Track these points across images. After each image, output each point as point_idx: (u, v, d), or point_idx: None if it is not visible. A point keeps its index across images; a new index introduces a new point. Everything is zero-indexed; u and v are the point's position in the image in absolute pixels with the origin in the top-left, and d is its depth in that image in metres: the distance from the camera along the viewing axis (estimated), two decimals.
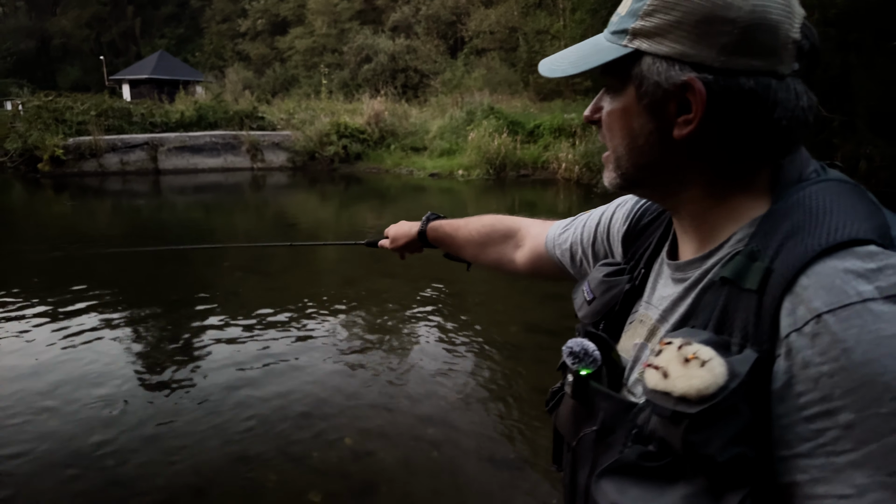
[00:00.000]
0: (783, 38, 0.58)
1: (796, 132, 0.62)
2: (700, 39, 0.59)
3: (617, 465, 0.61)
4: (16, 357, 4.27)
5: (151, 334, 4.87)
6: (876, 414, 0.47)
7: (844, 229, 0.53)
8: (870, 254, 0.51)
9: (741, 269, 0.57)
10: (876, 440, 0.47)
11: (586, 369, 0.71)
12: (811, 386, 0.50)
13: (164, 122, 18.29)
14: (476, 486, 2.87)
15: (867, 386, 0.47)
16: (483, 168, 15.58)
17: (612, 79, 0.67)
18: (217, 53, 39.93)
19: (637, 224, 0.87)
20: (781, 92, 0.59)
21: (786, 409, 0.52)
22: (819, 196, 0.59)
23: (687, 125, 0.61)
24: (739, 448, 0.51)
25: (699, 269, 0.67)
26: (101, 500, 2.72)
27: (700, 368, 0.52)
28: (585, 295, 0.87)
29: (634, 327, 0.78)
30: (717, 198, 0.66)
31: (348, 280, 6.38)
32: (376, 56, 27.76)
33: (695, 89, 0.59)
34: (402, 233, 1.44)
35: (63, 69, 43.87)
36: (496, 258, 1.25)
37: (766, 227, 0.60)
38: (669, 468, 0.57)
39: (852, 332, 0.48)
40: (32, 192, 14.33)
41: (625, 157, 0.68)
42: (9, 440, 3.17)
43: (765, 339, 0.53)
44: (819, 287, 0.51)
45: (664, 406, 0.55)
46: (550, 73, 0.71)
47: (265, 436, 3.25)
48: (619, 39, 0.64)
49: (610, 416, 0.68)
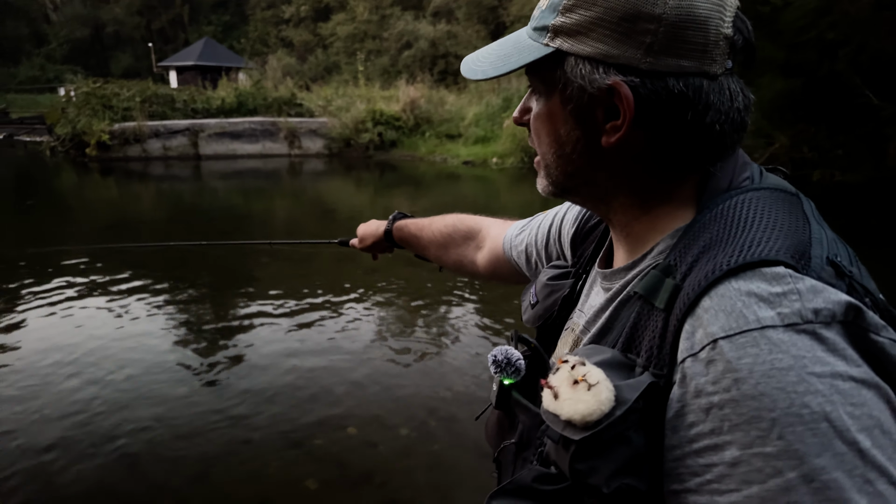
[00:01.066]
0: (713, 35, 0.53)
1: (731, 136, 0.57)
2: (624, 38, 0.54)
3: (511, 487, 0.58)
4: (52, 332, 4.47)
5: (173, 317, 5.01)
6: (761, 454, 0.43)
7: (756, 247, 0.49)
8: (776, 276, 0.47)
9: (653, 285, 0.54)
10: (759, 482, 0.43)
11: (509, 379, 0.69)
12: (702, 417, 0.46)
13: (205, 109, 18.70)
14: (472, 481, 2.86)
15: (755, 422, 0.43)
16: (517, 156, 15.40)
17: (537, 80, 0.63)
18: (261, 40, 40.49)
19: (584, 226, 0.84)
20: (714, 94, 0.55)
21: (678, 440, 0.48)
22: (741, 207, 0.54)
23: (615, 132, 0.57)
24: (627, 479, 0.48)
25: (622, 279, 0.64)
26: (105, 477, 2.83)
27: (586, 392, 0.49)
28: (531, 298, 0.85)
29: (567, 335, 0.74)
30: (643, 207, 0.62)
31: (371, 269, 6.43)
32: (416, 42, 27.68)
33: (621, 94, 0.54)
34: (369, 232, 1.41)
35: (115, 56, 45.29)
36: (457, 260, 1.22)
37: (685, 239, 0.55)
38: (565, 494, 0.53)
39: (746, 361, 0.44)
40: (81, 176, 14.90)
41: (553, 165, 0.64)
42: (33, 412, 3.33)
43: (665, 363, 0.50)
44: (719, 310, 0.47)
45: (554, 429, 0.52)
46: (471, 74, 0.66)
47: (271, 421, 3.33)
48: (540, 37, 0.59)
49: (527, 429, 0.66)
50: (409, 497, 2.77)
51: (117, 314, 4.92)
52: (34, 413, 3.36)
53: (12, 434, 3.15)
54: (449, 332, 4.66)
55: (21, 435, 3.14)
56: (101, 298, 5.28)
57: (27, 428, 3.21)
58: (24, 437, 3.12)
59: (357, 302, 5.35)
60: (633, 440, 0.48)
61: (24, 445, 3.05)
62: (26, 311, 4.97)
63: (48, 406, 3.44)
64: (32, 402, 3.48)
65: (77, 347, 4.23)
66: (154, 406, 3.47)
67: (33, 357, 4.08)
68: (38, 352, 4.15)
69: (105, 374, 3.84)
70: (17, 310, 4.99)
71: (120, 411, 3.40)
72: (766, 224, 0.52)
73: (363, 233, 1.43)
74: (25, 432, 3.17)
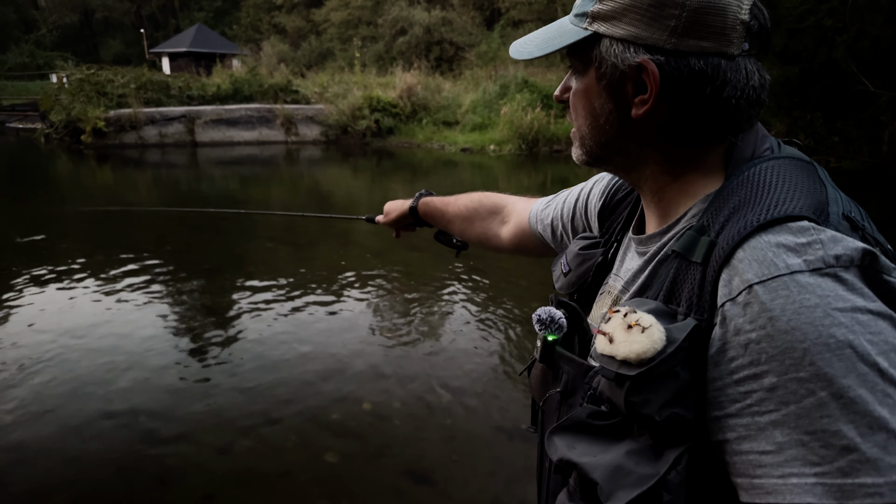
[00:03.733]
0: (731, 20, 0.61)
1: (748, 111, 0.65)
2: (652, 22, 0.62)
3: (569, 423, 0.65)
4: (53, 315, 4.51)
5: (183, 300, 5.06)
6: (795, 378, 0.50)
7: (782, 205, 0.57)
8: (801, 229, 0.54)
9: (690, 243, 0.61)
10: (795, 402, 0.50)
11: (552, 335, 0.76)
12: (741, 351, 0.54)
13: (200, 96, 18.61)
14: (487, 453, 2.95)
15: (789, 352, 0.51)
16: (515, 143, 15.45)
17: (576, 60, 0.71)
18: (253, 26, 40.10)
19: (612, 199, 0.92)
20: (731, 72, 0.62)
21: (719, 372, 0.55)
22: (766, 173, 0.62)
23: (643, 105, 0.64)
24: (676, 409, 0.55)
25: (657, 242, 0.72)
26: (125, 453, 2.89)
27: (640, 334, 0.57)
28: (563, 267, 0.93)
29: (603, 298, 0.82)
30: (674, 175, 0.70)
31: (376, 252, 6.48)
32: (411, 28, 27.53)
33: (648, 71, 0.62)
34: (395, 207, 1.49)
35: (105, 42, 44.75)
36: (482, 233, 1.29)
37: (716, 203, 0.63)
38: (617, 427, 0.62)
39: (778, 301, 0.52)
40: (77, 163, 14.81)
41: (588, 136, 0.72)
42: (37, 396, 3.38)
43: (705, 309, 0.57)
44: (752, 260, 0.54)
45: (609, 369, 0.59)
46: (518, 55, 0.74)
47: (289, 397, 3.39)
48: (580, 22, 0.68)
49: (572, 378, 0.73)
50: (427, 467, 2.84)
51: (127, 299, 4.95)
52: (56, 390, 3.41)
53: (43, 418, 3.20)
54: (457, 312, 4.73)
55: (43, 414, 3.20)
56: (112, 283, 5.31)
57: (51, 406, 3.27)
58: (51, 416, 3.18)
59: (362, 285, 5.41)
60: (681, 374, 0.56)
61: (48, 419, 3.11)
62: (35, 295, 5.00)
63: (62, 386, 3.49)
64: (56, 382, 3.53)
65: (92, 329, 4.28)
66: (172, 385, 3.52)
67: (53, 337, 4.12)
68: (62, 332, 4.20)
69: (121, 355, 3.89)
70: (24, 294, 5.02)
71: (140, 391, 3.46)
72: (789, 187, 0.60)
73: (389, 208, 1.52)
74: (46, 412, 3.22)
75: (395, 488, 2.71)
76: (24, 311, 4.64)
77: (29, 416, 3.17)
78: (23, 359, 3.80)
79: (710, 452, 0.57)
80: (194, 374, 3.68)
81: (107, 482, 2.69)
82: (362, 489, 2.71)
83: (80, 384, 3.50)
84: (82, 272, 5.57)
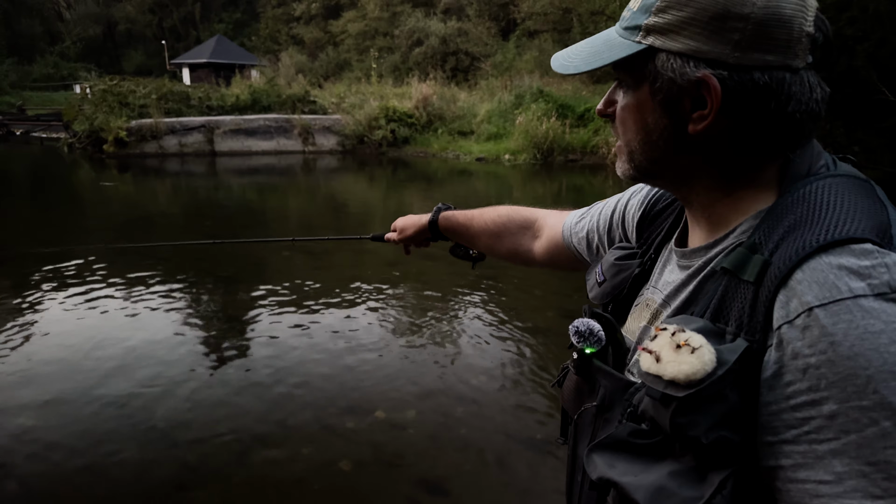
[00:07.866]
0: (797, 33, 0.59)
1: (808, 125, 0.63)
2: (714, 35, 0.59)
3: (609, 441, 0.64)
4: (72, 321, 4.59)
5: (201, 307, 5.12)
6: (858, 406, 0.49)
7: (843, 227, 0.54)
8: (865, 252, 0.52)
9: (741, 261, 0.59)
10: (856, 431, 0.49)
11: (591, 348, 0.74)
12: (799, 376, 0.52)
13: (220, 106, 18.86)
14: (501, 463, 2.94)
15: (851, 379, 0.49)
16: (530, 152, 15.45)
17: (625, 74, 0.68)
18: (272, 38, 40.64)
19: (651, 210, 0.89)
20: (795, 86, 0.60)
21: (774, 397, 0.54)
22: (823, 192, 0.60)
23: (702, 120, 0.62)
24: (724, 431, 0.54)
25: (703, 257, 0.69)
26: (143, 458, 2.92)
27: (690, 355, 0.55)
28: (597, 277, 0.91)
29: (640, 310, 0.80)
30: (726, 190, 0.67)
31: (390, 262, 6.50)
32: (427, 39, 27.71)
33: (710, 86, 0.60)
34: (410, 223, 1.43)
35: (128, 54, 45.71)
36: (512, 248, 1.25)
37: (769, 220, 0.61)
38: (658, 446, 0.60)
39: (841, 326, 0.50)
40: (99, 172, 15.05)
41: (638, 151, 0.70)
42: (55, 401, 3.43)
43: (758, 330, 0.56)
44: (812, 282, 0.52)
45: (655, 388, 0.57)
46: (563, 69, 0.72)
47: (304, 405, 3.42)
48: (631, 35, 0.65)
49: (609, 393, 0.71)
50: (441, 477, 2.84)
51: (145, 306, 5.02)
52: (75, 394, 3.47)
53: (60, 414, 3.25)
54: (472, 322, 4.73)
55: (62, 420, 3.25)
56: (130, 290, 5.40)
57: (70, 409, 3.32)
58: (70, 422, 3.23)
59: (377, 293, 5.43)
60: (730, 397, 0.54)
61: (66, 414, 3.16)
62: (54, 301, 5.09)
63: (79, 391, 3.54)
64: (71, 384, 3.59)
65: (109, 335, 4.35)
66: (189, 392, 3.56)
67: (68, 344, 4.19)
68: (81, 338, 4.26)
69: (138, 362, 3.95)
70: (44, 302, 5.11)
71: (159, 397, 3.50)
72: (849, 207, 0.57)
73: (403, 224, 1.45)
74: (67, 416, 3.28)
75: (409, 498, 2.72)
76: (44, 317, 4.73)
77: (46, 420, 3.23)
78: (41, 364, 3.87)
79: (755, 477, 0.56)
80: (211, 381, 3.71)
81: (124, 488, 2.73)
82: (376, 498, 2.72)
83: (98, 391, 3.56)
84: (101, 279, 5.66)
